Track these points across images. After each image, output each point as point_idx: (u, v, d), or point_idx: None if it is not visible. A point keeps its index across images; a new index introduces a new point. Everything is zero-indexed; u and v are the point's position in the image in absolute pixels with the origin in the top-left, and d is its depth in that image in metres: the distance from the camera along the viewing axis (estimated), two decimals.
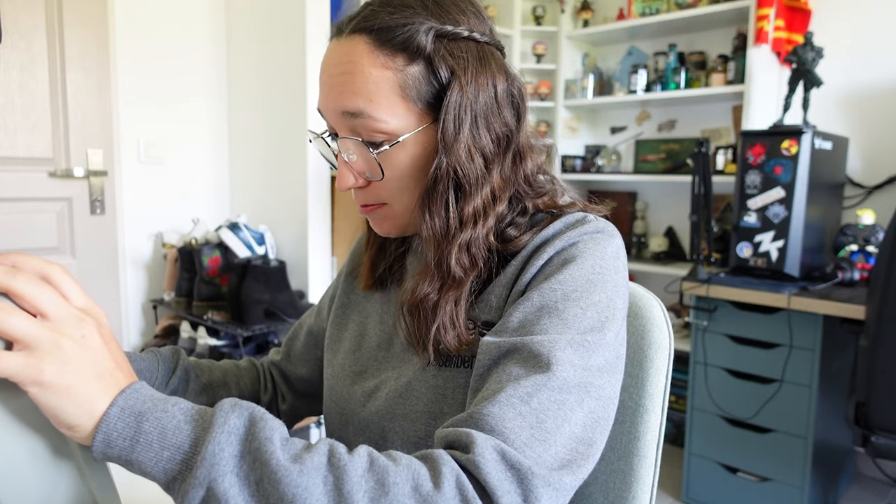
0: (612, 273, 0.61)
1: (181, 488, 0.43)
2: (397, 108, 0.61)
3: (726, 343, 2.08)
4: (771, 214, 2.08)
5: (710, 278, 2.09)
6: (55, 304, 0.45)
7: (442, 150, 0.61)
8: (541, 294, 0.58)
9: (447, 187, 0.61)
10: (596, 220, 0.64)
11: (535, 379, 0.52)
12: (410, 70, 0.61)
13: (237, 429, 0.44)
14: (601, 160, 3.05)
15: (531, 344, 0.54)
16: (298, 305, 2.22)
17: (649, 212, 3.03)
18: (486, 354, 0.57)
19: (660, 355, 0.74)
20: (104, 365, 0.46)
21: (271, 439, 0.44)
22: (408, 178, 0.64)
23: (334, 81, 0.62)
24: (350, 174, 0.65)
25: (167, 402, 0.45)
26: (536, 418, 0.50)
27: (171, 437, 0.44)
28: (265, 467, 0.43)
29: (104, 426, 0.44)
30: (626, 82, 2.95)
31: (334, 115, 0.63)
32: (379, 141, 0.62)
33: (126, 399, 0.45)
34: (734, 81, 2.54)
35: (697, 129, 2.86)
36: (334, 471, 0.44)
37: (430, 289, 0.63)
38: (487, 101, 0.63)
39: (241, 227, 2.33)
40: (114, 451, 0.44)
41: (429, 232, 0.62)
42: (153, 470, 0.44)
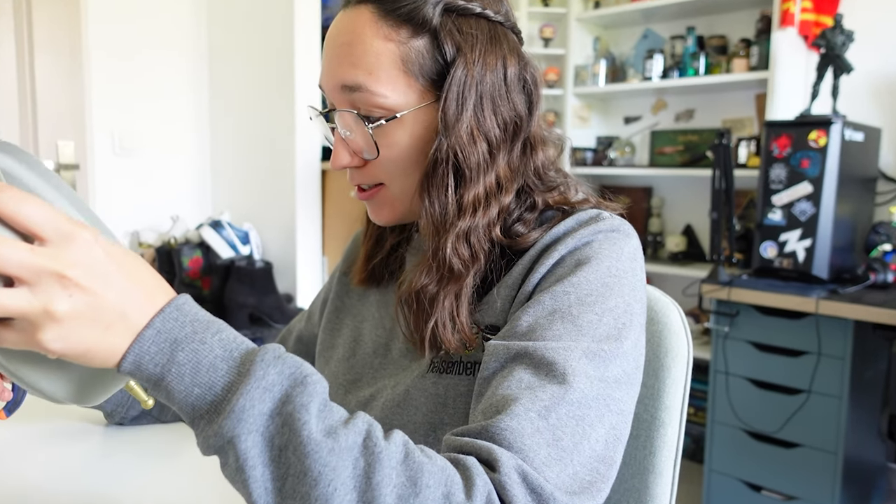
0: (629, 276, 0.61)
1: (204, 430, 0.44)
2: (398, 83, 0.62)
3: (749, 350, 2.08)
4: (797, 211, 2.08)
5: (732, 280, 2.09)
6: (48, 225, 0.42)
7: (442, 131, 0.62)
8: (553, 297, 0.58)
9: (447, 171, 0.62)
10: (611, 217, 0.65)
11: (552, 391, 0.52)
12: (414, 43, 0.62)
13: (274, 386, 0.44)
14: (614, 153, 3.05)
15: (543, 350, 0.54)
16: (286, 310, 2.22)
17: (666, 209, 3.03)
18: (492, 357, 0.57)
19: (677, 364, 0.74)
20: (135, 283, 0.45)
21: (307, 406, 0.44)
22: (406, 158, 0.65)
23: (335, 53, 0.64)
24: (345, 152, 0.66)
25: (207, 331, 0.45)
26: (553, 435, 0.50)
27: (205, 374, 0.44)
28: (294, 435, 0.43)
29: (136, 348, 0.44)
30: (640, 68, 2.95)
31: (333, 90, 0.64)
32: (377, 116, 0.63)
33: (164, 320, 0.45)
34: (758, 67, 2.54)
35: (718, 118, 2.86)
36: (367, 455, 0.44)
37: (428, 280, 0.63)
38: (495, 83, 0.64)
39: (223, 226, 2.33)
40: (142, 374, 0.44)
41: (427, 219, 0.63)
42: (181, 403, 0.44)
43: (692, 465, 2.55)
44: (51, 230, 0.41)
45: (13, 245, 0.40)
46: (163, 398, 0.45)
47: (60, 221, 0.42)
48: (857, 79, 2.40)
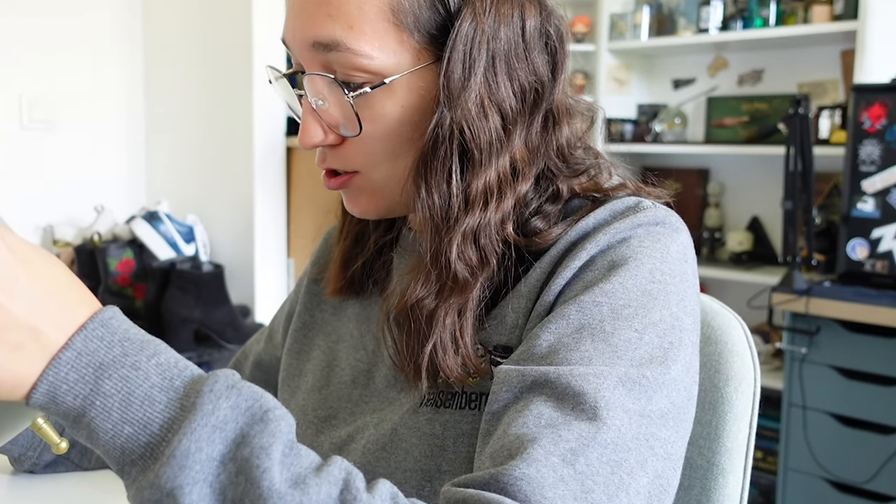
0: (677, 281, 0.62)
1: (137, 479, 0.44)
2: (387, 40, 0.62)
3: (833, 378, 2.09)
4: (895, 200, 2.08)
5: (811, 289, 2.09)
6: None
7: (445, 101, 0.61)
8: (581, 310, 0.58)
9: (450, 152, 0.62)
10: (654, 207, 0.65)
11: (580, 429, 0.52)
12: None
13: (226, 424, 0.44)
14: (660, 125, 3.05)
15: (569, 377, 0.54)
16: (241, 326, 2.22)
17: (726, 197, 3.04)
18: (504, 386, 0.57)
19: (741, 396, 0.74)
20: (48, 292, 0.45)
21: (268, 450, 0.43)
22: (394, 136, 0.64)
23: (305, 1, 0.63)
24: (316, 126, 0.65)
25: (141, 352, 0.45)
26: (582, 486, 0.50)
27: (138, 408, 0.44)
28: (252, 486, 0.42)
29: (51, 374, 0.43)
30: (693, 17, 2.95)
31: (302, 48, 0.64)
32: (359, 82, 0.62)
33: (87, 340, 0.44)
34: (844, 16, 2.54)
35: (793, 82, 2.87)
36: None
37: (425, 291, 0.63)
38: (511, 40, 0.63)
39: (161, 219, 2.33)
40: (58, 408, 0.44)
41: (425, 213, 0.63)
42: (107, 444, 0.44)
43: None
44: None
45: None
46: (83, 438, 0.45)
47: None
48: None
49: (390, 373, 0.71)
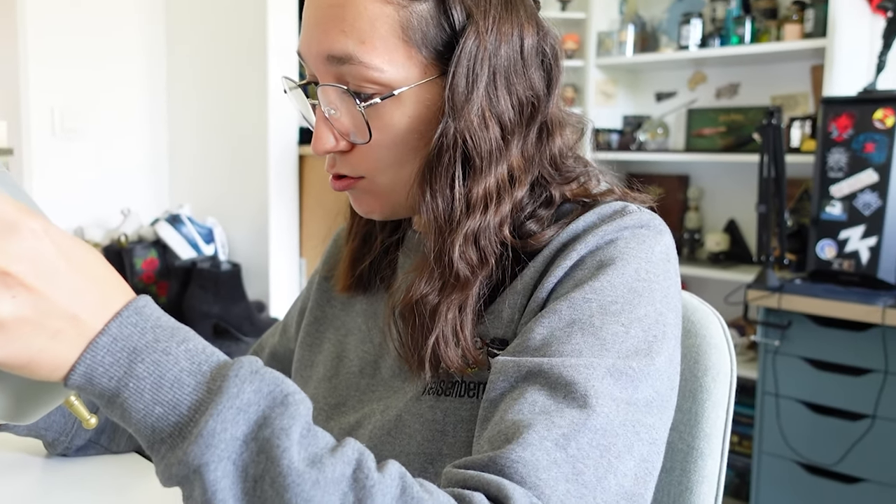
0: (661, 280, 0.62)
1: (166, 456, 0.44)
2: (396, 54, 0.62)
3: (804, 368, 2.09)
4: (860, 204, 2.08)
5: (783, 286, 2.09)
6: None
7: (450, 112, 0.62)
8: (572, 306, 0.58)
9: (453, 160, 0.62)
10: (640, 211, 0.65)
11: (571, 416, 0.52)
12: (417, 7, 0.62)
13: (249, 406, 0.44)
14: (644, 135, 3.05)
15: (561, 367, 0.54)
16: (257, 320, 2.22)
17: (705, 201, 3.04)
18: (500, 375, 0.57)
19: (718, 384, 0.74)
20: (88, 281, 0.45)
21: (288, 431, 0.43)
22: (401, 144, 0.64)
23: (320, 16, 0.63)
24: (329, 134, 0.65)
25: (172, 339, 0.45)
26: (574, 468, 0.50)
27: (168, 390, 0.44)
28: (272, 464, 0.42)
29: (88, 358, 0.43)
30: (675, 35, 2.95)
31: (317, 60, 0.64)
32: (369, 93, 0.62)
33: (122, 326, 0.44)
34: (813, 34, 2.54)
35: (766, 95, 2.86)
36: (357, 489, 0.44)
37: (429, 288, 0.63)
38: (511, 56, 0.64)
39: (183, 221, 2.34)
40: (94, 389, 0.44)
41: (429, 215, 0.63)
42: (138, 424, 0.44)
43: None
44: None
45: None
46: (117, 418, 0.45)
47: (5, 209, 0.42)
48: None
49: (395, 364, 0.71)
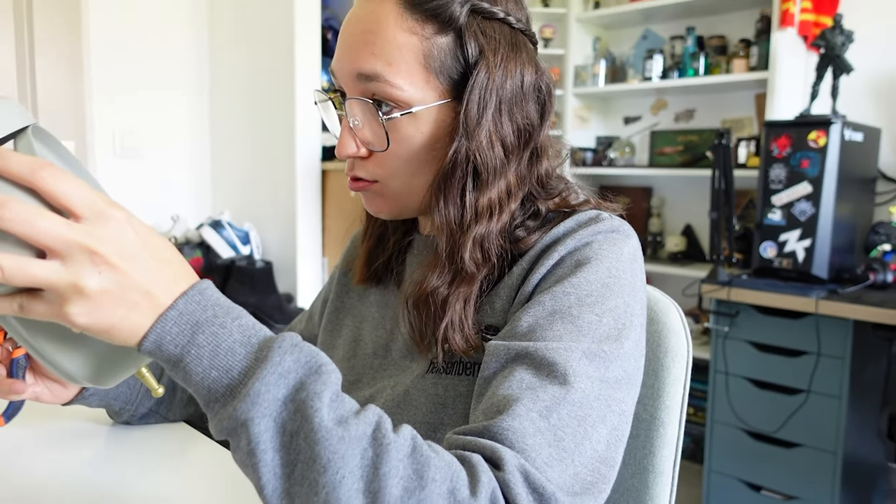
0: (629, 276, 0.62)
1: (218, 412, 0.45)
2: (416, 78, 0.62)
3: (749, 350, 2.09)
4: (797, 211, 2.08)
5: (732, 280, 2.10)
6: (84, 202, 0.43)
7: (463, 133, 0.62)
8: (553, 298, 0.59)
9: (465, 174, 0.63)
10: (611, 218, 0.65)
11: (553, 392, 0.52)
12: (438, 40, 0.62)
13: (289, 373, 0.45)
14: (614, 153, 3.05)
15: (544, 350, 0.55)
16: (286, 310, 2.22)
17: (666, 208, 3.04)
18: (493, 357, 0.57)
19: (677, 364, 0.74)
20: (161, 264, 0.46)
21: (320, 394, 0.44)
22: (413, 156, 0.65)
23: (354, 40, 0.63)
24: (352, 141, 0.65)
25: (228, 315, 0.46)
26: (555, 436, 0.51)
27: (223, 357, 0.45)
28: (306, 422, 0.43)
29: (159, 327, 0.44)
30: (640, 68, 2.95)
31: (348, 77, 0.64)
32: (390, 108, 0.63)
33: (187, 302, 0.45)
34: (757, 68, 2.55)
35: (718, 119, 2.87)
36: (376, 446, 0.44)
37: (440, 282, 0.64)
38: (514, 90, 0.64)
39: (223, 225, 2.34)
40: (162, 354, 0.45)
41: (442, 220, 0.63)
42: (197, 385, 0.45)
43: (691, 466, 2.56)
44: (86, 208, 0.43)
45: (50, 218, 0.41)
46: (180, 379, 0.46)
47: (96, 200, 0.43)
48: (857, 79, 2.40)
49: (404, 347, 0.71)
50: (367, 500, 0.43)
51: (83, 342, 0.48)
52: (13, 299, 0.43)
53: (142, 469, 0.73)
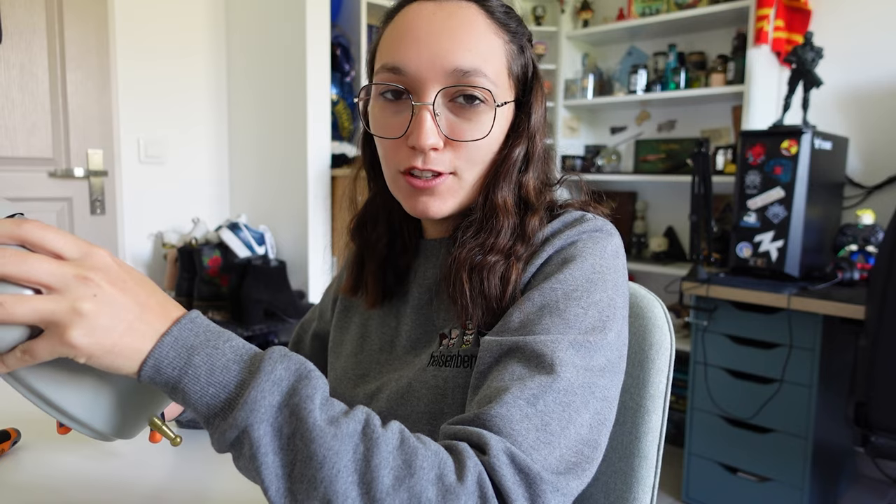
0: (611, 272, 0.61)
1: (220, 425, 0.44)
2: (502, 77, 0.64)
3: (726, 343, 2.09)
4: (770, 214, 2.08)
5: (710, 278, 2.09)
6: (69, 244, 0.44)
7: (529, 133, 0.66)
8: (541, 293, 0.58)
9: (521, 168, 0.66)
10: (594, 218, 0.65)
11: (540, 380, 0.52)
12: (513, 46, 0.65)
13: (282, 380, 0.45)
14: (601, 160, 3.05)
15: (533, 343, 0.54)
16: (298, 305, 2.22)
17: (649, 212, 3.04)
18: (487, 352, 0.57)
19: (661, 356, 0.74)
20: (149, 294, 0.46)
21: (312, 397, 0.44)
22: (489, 147, 0.65)
23: (444, 35, 0.61)
24: (436, 130, 0.61)
25: (219, 338, 0.46)
26: (542, 420, 0.50)
27: (219, 374, 0.44)
28: (300, 423, 0.43)
29: (157, 353, 0.44)
30: (625, 82, 2.95)
31: (440, 70, 0.60)
32: (480, 102, 0.62)
33: (181, 329, 0.45)
34: (734, 82, 2.54)
35: (697, 129, 2.86)
36: (366, 441, 0.44)
37: (500, 254, 0.63)
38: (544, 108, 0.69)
39: (240, 227, 2.33)
40: (161, 378, 0.44)
41: (503, 200, 0.64)
42: (196, 403, 0.44)
43: (673, 449, 2.55)
44: (72, 248, 0.44)
45: (42, 258, 0.42)
46: (180, 401, 0.45)
47: (80, 242, 0.44)
48: (826, 92, 2.40)
49: (408, 342, 0.71)
50: (362, 490, 0.43)
51: (96, 388, 0.47)
52: (13, 352, 0.42)
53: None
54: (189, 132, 2.56)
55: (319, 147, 2.34)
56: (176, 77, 2.50)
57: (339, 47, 2.52)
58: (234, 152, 2.67)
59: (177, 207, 2.55)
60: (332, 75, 2.46)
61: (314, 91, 2.30)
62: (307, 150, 2.30)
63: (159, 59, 2.45)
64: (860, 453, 2.34)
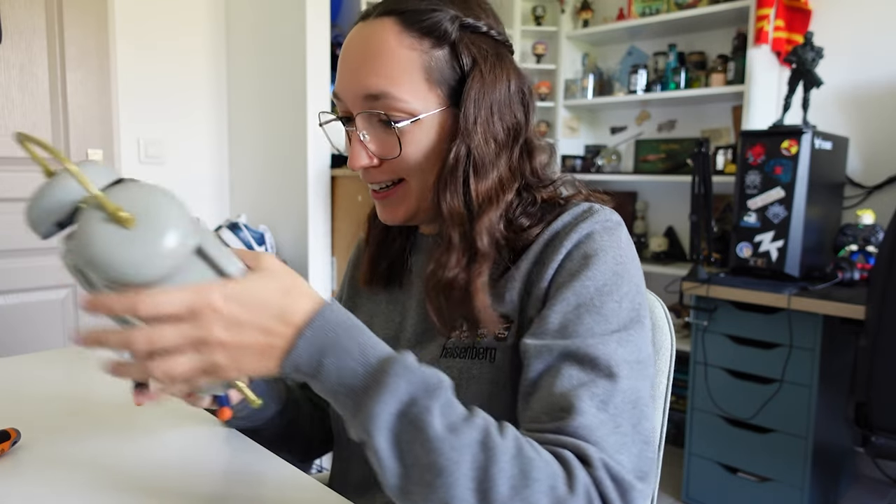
0: (631, 260, 0.63)
1: (350, 422, 0.49)
2: (419, 89, 0.63)
3: (726, 343, 2.08)
4: (771, 214, 2.08)
5: (710, 278, 2.09)
6: (178, 305, 0.45)
7: (464, 133, 0.63)
8: (575, 293, 0.59)
9: (466, 169, 0.64)
10: (602, 209, 0.66)
11: (604, 385, 0.54)
12: (435, 54, 0.63)
13: (403, 393, 0.47)
14: (601, 160, 3.05)
15: (585, 347, 0.56)
16: None
17: (649, 212, 3.03)
18: (535, 359, 0.57)
19: (662, 357, 0.74)
20: (268, 314, 0.48)
21: (431, 408, 0.47)
22: (425, 156, 0.65)
23: (358, 63, 0.64)
24: (364, 152, 0.66)
25: (350, 338, 0.49)
26: (615, 423, 0.53)
27: (347, 378, 0.48)
28: (420, 433, 0.46)
29: (293, 356, 0.48)
30: (625, 82, 2.95)
31: (354, 97, 0.64)
32: (397, 119, 0.63)
33: (314, 329, 0.48)
34: (734, 81, 2.54)
35: (697, 129, 2.86)
36: (485, 451, 0.46)
37: (458, 267, 0.64)
38: (503, 94, 0.65)
39: (241, 227, 2.33)
40: (298, 376, 0.49)
41: (451, 209, 0.64)
42: (329, 397, 0.49)
43: (673, 449, 2.55)
44: (183, 309, 0.45)
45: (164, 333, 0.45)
46: (317, 390, 0.50)
47: (186, 296, 0.45)
48: (826, 92, 2.40)
49: (413, 337, 0.71)
50: (478, 497, 0.45)
51: None
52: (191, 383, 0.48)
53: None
54: (189, 132, 2.56)
55: (319, 147, 2.34)
56: (176, 77, 2.50)
57: (339, 47, 2.52)
58: (234, 152, 2.67)
59: None
60: (332, 75, 2.46)
61: (314, 91, 2.30)
62: (307, 149, 2.30)
63: (159, 59, 2.44)
64: (860, 453, 2.34)
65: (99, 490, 0.63)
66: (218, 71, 2.62)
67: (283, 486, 0.64)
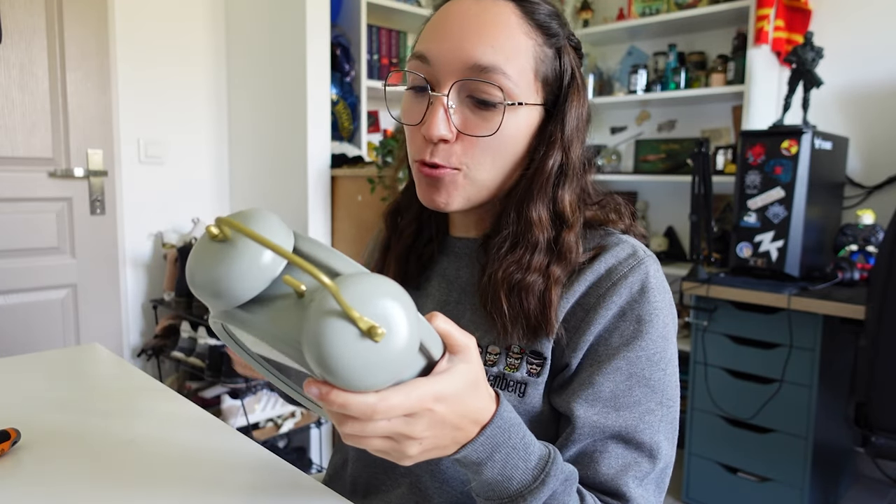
0: (672, 318, 0.64)
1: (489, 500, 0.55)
2: (527, 77, 0.63)
3: (726, 343, 2.09)
4: (771, 214, 2.08)
5: (710, 278, 2.09)
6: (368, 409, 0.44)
7: (559, 140, 0.64)
8: (628, 361, 0.61)
9: (559, 175, 0.65)
10: (644, 254, 0.65)
11: (646, 466, 0.61)
12: (546, 50, 0.64)
13: (551, 488, 0.53)
14: (601, 160, 3.05)
15: (633, 431, 0.61)
16: None
17: (649, 212, 3.04)
18: (586, 433, 0.61)
19: None
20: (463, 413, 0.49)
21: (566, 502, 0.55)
22: (503, 148, 0.64)
23: (472, 31, 0.61)
24: (446, 122, 0.62)
25: (517, 436, 0.53)
26: (648, 492, 0.62)
27: (510, 471, 0.53)
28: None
29: (469, 449, 0.51)
30: (625, 82, 2.95)
31: (459, 63, 0.61)
32: (495, 100, 0.62)
33: (491, 430, 0.51)
34: (734, 81, 2.54)
35: (697, 129, 2.86)
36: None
37: (538, 272, 0.63)
38: (587, 116, 0.68)
39: None
40: (464, 464, 0.53)
41: (538, 216, 0.64)
42: (486, 489, 0.54)
43: None
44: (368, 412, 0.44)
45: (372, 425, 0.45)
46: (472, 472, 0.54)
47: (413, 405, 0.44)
48: (826, 92, 2.40)
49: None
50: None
51: None
52: None
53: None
54: (189, 132, 2.56)
55: (319, 147, 2.34)
56: (176, 77, 2.50)
57: (339, 47, 2.52)
58: (234, 152, 2.67)
59: (177, 207, 2.55)
60: (332, 75, 2.46)
61: (314, 91, 2.30)
62: (307, 150, 2.30)
63: (159, 59, 2.45)
64: (860, 453, 2.34)
65: (99, 490, 0.63)
66: (218, 71, 2.62)
67: (283, 486, 0.64)
